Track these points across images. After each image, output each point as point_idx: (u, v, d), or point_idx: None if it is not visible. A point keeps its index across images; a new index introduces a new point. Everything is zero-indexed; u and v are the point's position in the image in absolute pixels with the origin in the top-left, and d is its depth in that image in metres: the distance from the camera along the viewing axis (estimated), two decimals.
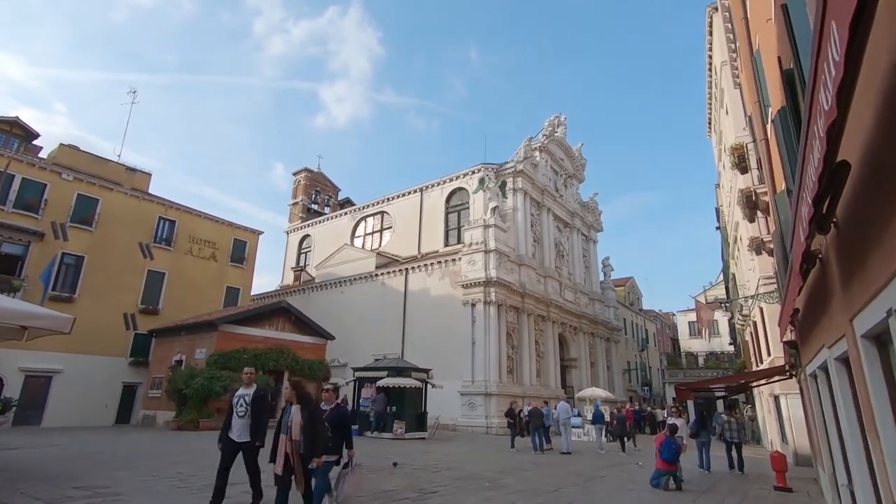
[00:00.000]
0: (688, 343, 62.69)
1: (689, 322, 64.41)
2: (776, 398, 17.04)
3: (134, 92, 32.34)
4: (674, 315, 72.43)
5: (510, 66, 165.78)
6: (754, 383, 15.05)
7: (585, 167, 40.77)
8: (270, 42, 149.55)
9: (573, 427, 22.28)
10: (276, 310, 24.89)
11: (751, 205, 10.36)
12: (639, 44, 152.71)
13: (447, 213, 34.08)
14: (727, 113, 19.50)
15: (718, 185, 28.88)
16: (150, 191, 29.83)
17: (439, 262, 29.66)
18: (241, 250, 32.33)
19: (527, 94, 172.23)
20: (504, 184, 31.20)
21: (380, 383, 19.27)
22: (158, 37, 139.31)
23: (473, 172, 32.73)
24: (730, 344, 42.72)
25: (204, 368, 21.16)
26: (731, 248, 24.61)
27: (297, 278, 38.92)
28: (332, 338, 27.21)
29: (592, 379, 34.80)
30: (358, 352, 29.39)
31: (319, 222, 42.84)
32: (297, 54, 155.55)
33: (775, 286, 13.83)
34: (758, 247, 12.69)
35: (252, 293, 37.45)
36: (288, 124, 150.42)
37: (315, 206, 47.13)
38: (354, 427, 19.72)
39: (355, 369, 21.80)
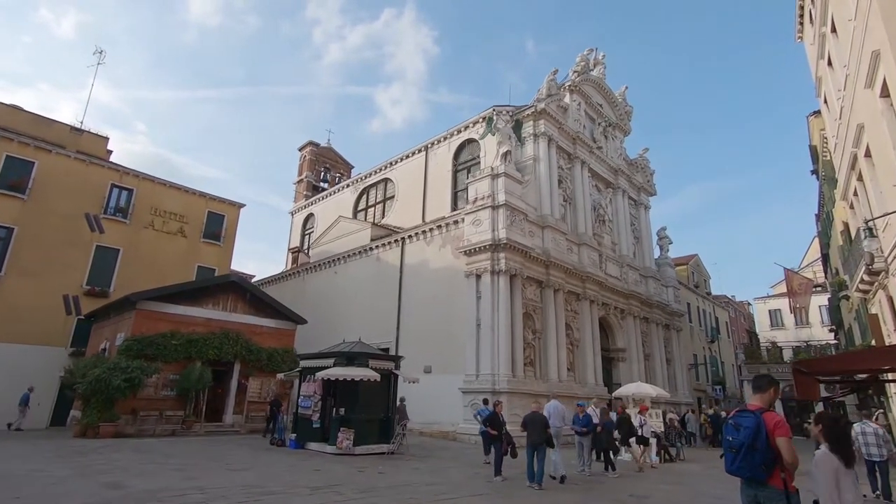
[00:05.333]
0: (768, 335, 52.79)
1: (769, 311, 54.88)
2: None
3: (101, 52, 28.23)
4: (749, 304, 62.41)
5: (569, 55, 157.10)
6: None
7: (631, 116, 33.31)
8: (328, 50, 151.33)
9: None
10: (222, 285, 19.88)
11: None
12: (712, 22, 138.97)
13: (455, 172, 27.99)
14: None
15: (821, 103, 20.83)
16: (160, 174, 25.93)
17: (439, 227, 23.64)
18: (216, 225, 27.80)
19: None
20: (519, 124, 24.68)
21: (321, 375, 13.59)
22: (226, 53, 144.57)
23: (484, 119, 26.47)
24: (830, 330, 33.64)
25: (112, 358, 16.40)
26: (843, 182, 16.94)
27: (294, 260, 34.21)
28: (303, 321, 21.94)
29: (647, 375, 27.49)
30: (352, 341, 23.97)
31: (322, 199, 37.96)
32: (354, 59, 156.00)
33: None
34: None
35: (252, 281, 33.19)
36: (346, 130, 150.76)
37: (325, 185, 42.38)
38: (292, 436, 14.22)
39: (300, 357, 16.29)
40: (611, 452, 12.17)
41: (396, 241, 25.45)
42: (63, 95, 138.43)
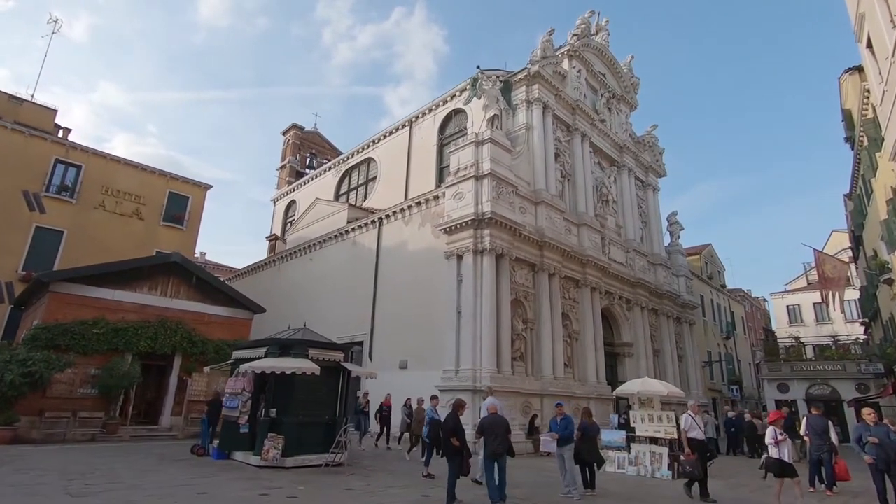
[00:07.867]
0: (786, 332, 49.50)
1: (787, 306, 51.65)
2: None
3: (56, 21, 25.83)
4: (765, 300, 58.99)
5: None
6: None
7: (638, 88, 30.36)
8: (337, 50, 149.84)
9: (611, 447, 13.00)
10: (161, 267, 17.26)
11: None
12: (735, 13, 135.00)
13: (441, 147, 25.22)
14: None
15: (862, 49, 17.90)
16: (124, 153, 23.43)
17: (419, 205, 20.89)
18: (179, 207, 25.24)
19: None
20: (509, 87, 21.83)
21: (246, 367, 10.88)
22: (235, 54, 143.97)
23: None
24: (861, 324, 30.48)
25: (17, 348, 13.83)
26: (894, 138, 14.01)
27: (271, 249, 31.63)
28: (261, 310, 19.31)
29: (657, 372, 24.52)
30: (328, 335, 21.21)
31: (304, 184, 35.41)
32: (363, 59, 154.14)
33: None
34: None
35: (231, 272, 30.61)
36: (355, 130, 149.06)
37: (309, 172, 39.77)
38: (213, 445, 11.52)
39: (234, 348, 13.62)
40: (594, 466, 9.34)
41: (373, 221, 22.73)
42: (76, 97, 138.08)
